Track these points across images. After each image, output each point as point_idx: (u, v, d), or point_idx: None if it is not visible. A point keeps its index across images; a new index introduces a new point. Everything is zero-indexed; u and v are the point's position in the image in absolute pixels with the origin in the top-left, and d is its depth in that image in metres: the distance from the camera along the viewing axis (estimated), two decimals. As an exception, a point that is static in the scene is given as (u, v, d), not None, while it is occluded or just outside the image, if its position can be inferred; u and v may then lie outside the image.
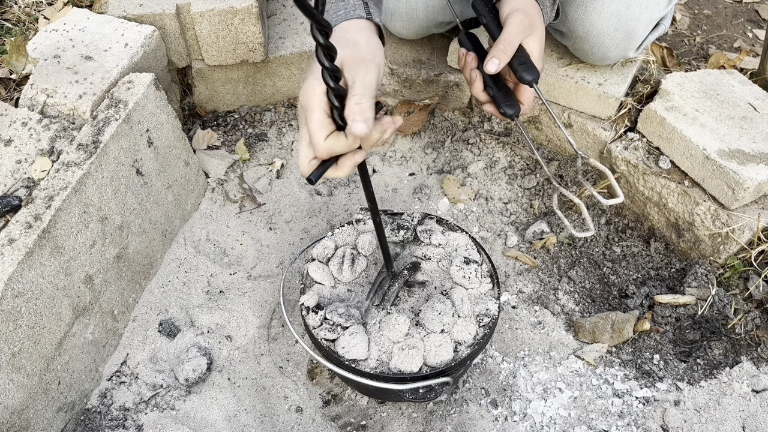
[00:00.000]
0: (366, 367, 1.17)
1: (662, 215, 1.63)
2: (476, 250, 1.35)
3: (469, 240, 1.35)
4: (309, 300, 1.24)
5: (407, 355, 1.16)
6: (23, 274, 1.13)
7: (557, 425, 1.36)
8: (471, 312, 1.23)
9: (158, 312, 1.49)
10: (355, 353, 1.17)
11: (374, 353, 1.18)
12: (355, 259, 1.31)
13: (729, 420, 1.34)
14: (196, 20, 1.62)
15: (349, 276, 1.29)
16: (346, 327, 1.19)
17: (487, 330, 1.22)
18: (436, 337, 1.18)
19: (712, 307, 1.46)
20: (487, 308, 1.24)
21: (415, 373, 1.15)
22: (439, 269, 1.32)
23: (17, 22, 1.89)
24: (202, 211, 1.70)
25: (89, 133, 1.32)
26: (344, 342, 1.18)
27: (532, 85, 1.22)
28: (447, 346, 1.17)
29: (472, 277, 1.27)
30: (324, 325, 1.20)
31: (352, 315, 1.21)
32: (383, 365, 1.16)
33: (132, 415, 1.34)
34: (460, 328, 1.20)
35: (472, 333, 1.20)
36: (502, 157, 1.83)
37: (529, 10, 1.25)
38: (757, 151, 1.50)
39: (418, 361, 1.16)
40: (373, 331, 1.21)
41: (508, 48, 1.20)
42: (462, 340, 1.19)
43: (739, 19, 2.49)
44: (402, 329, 1.18)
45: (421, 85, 1.85)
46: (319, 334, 1.21)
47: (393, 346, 1.18)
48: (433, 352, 1.16)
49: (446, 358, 1.17)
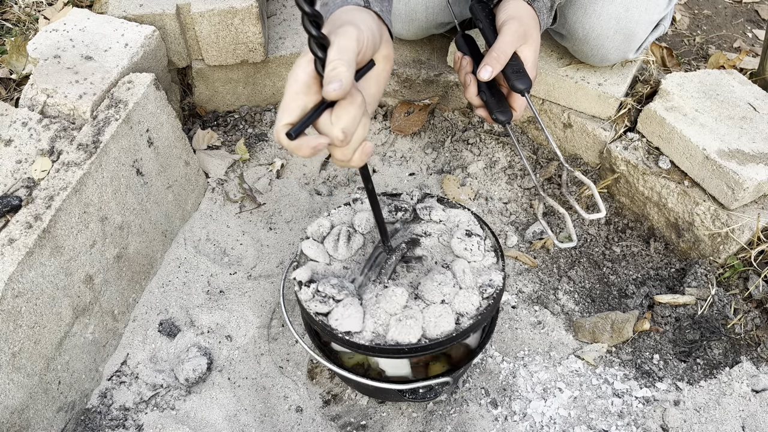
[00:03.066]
0: (361, 339, 1.10)
1: (662, 215, 1.63)
2: (479, 225, 1.28)
3: (471, 216, 1.28)
4: (301, 274, 1.17)
5: (405, 326, 1.09)
6: (23, 274, 1.13)
7: (557, 425, 1.36)
8: (473, 283, 1.16)
9: (158, 312, 1.49)
10: (349, 325, 1.09)
11: (369, 325, 1.11)
12: (351, 237, 1.23)
13: (729, 420, 1.34)
14: (196, 20, 1.62)
15: (345, 253, 1.22)
16: (339, 300, 1.12)
17: (491, 301, 1.14)
18: (436, 308, 1.11)
19: (711, 307, 1.46)
20: (490, 279, 1.17)
21: (413, 344, 1.08)
22: (440, 244, 1.25)
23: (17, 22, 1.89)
24: (202, 211, 1.70)
25: (89, 133, 1.32)
26: (337, 314, 1.10)
27: (524, 94, 1.22)
28: (448, 317, 1.10)
29: (474, 250, 1.20)
30: (316, 297, 1.13)
31: (346, 287, 1.15)
32: (380, 338, 1.10)
33: (132, 414, 1.34)
34: (461, 299, 1.13)
35: (474, 304, 1.13)
36: (502, 157, 1.83)
37: (525, 18, 1.25)
38: (756, 151, 1.50)
39: (417, 333, 1.09)
40: (369, 305, 1.13)
41: (502, 56, 1.20)
42: (464, 312, 1.12)
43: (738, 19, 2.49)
44: (399, 301, 1.11)
45: (421, 85, 1.85)
46: (310, 307, 1.14)
47: (390, 318, 1.11)
48: (433, 323, 1.10)
49: (447, 329, 1.09)
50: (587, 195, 1.73)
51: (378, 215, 1.12)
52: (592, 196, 1.73)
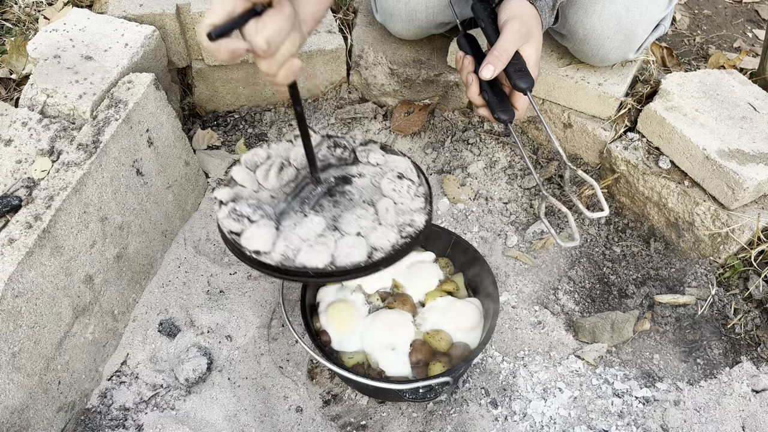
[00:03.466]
0: (268, 259, 1.08)
1: (662, 215, 1.63)
2: (416, 173, 1.26)
3: (410, 163, 1.26)
4: (223, 194, 1.16)
5: (314, 251, 1.08)
6: (23, 274, 1.13)
7: (557, 425, 1.36)
8: (394, 222, 1.14)
9: (158, 312, 1.49)
10: (258, 244, 1.08)
11: (280, 248, 1.09)
12: (284, 168, 1.21)
13: (729, 420, 1.34)
14: (196, 20, 1.62)
15: (275, 183, 1.20)
16: (254, 220, 1.11)
17: (408, 240, 1.12)
18: (350, 239, 1.10)
19: (712, 307, 1.46)
20: (412, 219, 1.15)
21: (319, 269, 1.07)
22: (371, 185, 1.22)
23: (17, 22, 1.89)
24: (202, 211, 1.70)
25: (89, 133, 1.32)
26: (249, 233, 1.09)
27: (526, 93, 1.22)
28: (360, 249, 1.09)
29: (402, 191, 1.19)
30: (231, 215, 1.11)
31: (263, 210, 1.13)
32: (288, 261, 1.08)
33: (132, 414, 1.34)
34: (378, 234, 1.11)
35: (391, 241, 1.11)
36: (502, 157, 1.83)
37: (527, 18, 1.25)
38: (757, 151, 1.50)
39: (325, 259, 1.07)
40: (286, 230, 1.12)
41: (504, 55, 1.20)
42: (379, 246, 1.10)
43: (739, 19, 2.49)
44: (315, 229, 1.11)
45: (421, 85, 1.85)
46: (224, 224, 1.11)
47: (302, 243, 1.10)
48: (344, 253, 1.08)
49: (356, 260, 1.08)
50: (587, 195, 1.73)
51: (306, 141, 1.10)
52: (592, 196, 1.73)
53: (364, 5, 1.99)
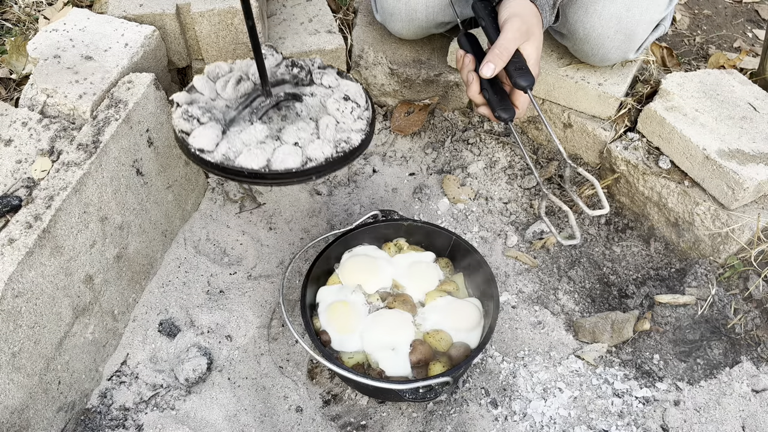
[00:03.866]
0: (210, 158, 1.18)
1: (662, 215, 1.63)
2: (365, 99, 1.33)
3: (360, 89, 1.34)
4: (180, 97, 1.26)
5: (252, 154, 1.17)
6: (23, 274, 1.13)
7: (557, 425, 1.36)
8: (332, 137, 1.23)
9: (158, 312, 1.49)
10: (203, 143, 1.18)
11: (222, 148, 1.18)
12: (242, 81, 1.30)
13: (729, 420, 1.34)
14: (196, 20, 1.62)
15: (231, 94, 1.29)
16: (203, 122, 1.20)
17: (342, 155, 1.21)
18: (287, 147, 1.19)
19: (712, 307, 1.46)
20: (349, 137, 1.23)
21: (254, 170, 1.16)
22: (320, 105, 1.31)
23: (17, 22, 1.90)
24: (202, 211, 1.70)
25: (89, 133, 1.32)
26: (196, 133, 1.19)
27: (527, 91, 1.22)
28: (295, 156, 1.18)
29: (345, 112, 1.26)
30: (183, 116, 1.21)
31: (213, 114, 1.22)
32: (228, 161, 1.17)
33: (132, 414, 1.34)
34: (315, 146, 1.20)
35: (326, 154, 1.19)
36: (502, 157, 1.83)
37: (527, 16, 1.25)
38: (757, 151, 1.50)
39: (261, 161, 1.17)
40: (232, 135, 1.21)
41: (504, 53, 1.21)
42: (313, 157, 1.19)
43: (739, 19, 2.49)
44: (258, 135, 1.20)
45: (421, 85, 1.85)
46: (176, 124, 1.22)
47: (243, 147, 1.19)
48: (280, 159, 1.17)
49: (290, 166, 1.17)
50: (587, 195, 1.73)
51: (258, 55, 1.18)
52: (592, 196, 1.73)
53: (364, 5, 1.99)
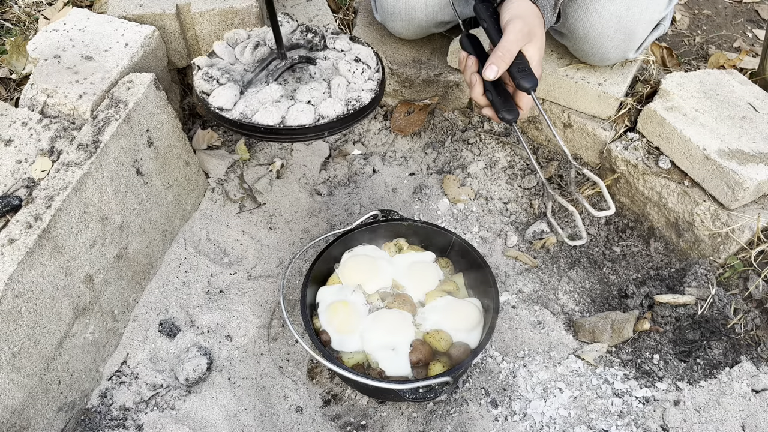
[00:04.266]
0: (229, 115, 1.25)
1: (662, 215, 1.63)
2: (375, 62, 1.38)
3: (372, 52, 1.39)
4: (201, 61, 1.34)
5: (268, 111, 1.23)
6: (23, 274, 1.13)
7: (557, 425, 1.36)
8: (343, 96, 1.29)
9: (158, 312, 1.49)
10: (222, 102, 1.25)
11: (240, 107, 1.25)
12: (259, 46, 1.36)
13: (729, 420, 1.34)
14: (196, 20, 1.62)
15: (249, 58, 1.35)
16: (222, 83, 1.28)
17: (352, 112, 1.27)
18: (301, 105, 1.25)
19: (711, 307, 1.46)
20: (359, 96, 1.29)
21: (270, 126, 1.22)
22: (332, 67, 1.37)
23: (17, 22, 1.90)
24: (202, 211, 1.70)
25: (89, 133, 1.32)
26: (216, 93, 1.26)
27: (530, 93, 1.22)
28: (308, 113, 1.24)
29: (356, 73, 1.32)
30: (203, 77, 1.28)
31: (231, 75, 1.30)
32: (245, 118, 1.24)
33: (132, 414, 1.34)
34: (327, 104, 1.25)
35: (337, 111, 1.25)
36: (502, 157, 1.83)
37: (529, 17, 1.25)
38: (757, 151, 1.50)
39: (277, 118, 1.23)
40: (249, 95, 1.28)
41: (507, 55, 1.21)
42: (325, 115, 1.25)
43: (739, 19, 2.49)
44: (273, 95, 1.26)
45: (421, 85, 1.85)
46: (197, 85, 1.29)
47: (260, 105, 1.26)
48: (294, 116, 1.23)
49: (304, 122, 1.23)
50: (587, 195, 1.73)
51: (273, 18, 1.25)
52: (592, 196, 1.73)
53: (364, 5, 1.99)
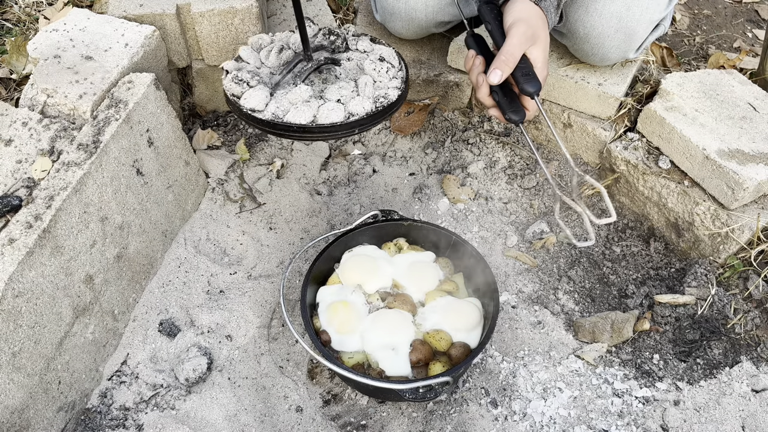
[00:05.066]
0: (261, 116, 1.27)
1: (662, 215, 1.63)
2: (398, 60, 1.42)
3: (393, 52, 1.42)
4: (230, 65, 1.37)
5: (299, 111, 1.26)
6: (23, 273, 1.13)
7: (557, 425, 1.36)
8: (371, 94, 1.32)
9: (158, 312, 1.49)
10: (253, 103, 1.28)
11: (272, 108, 1.28)
12: (284, 50, 1.40)
13: (729, 420, 1.34)
14: (196, 20, 1.62)
15: (275, 61, 1.38)
16: (252, 85, 1.30)
17: (381, 109, 1.30)
18: (331, 104, 1.28)
19: (711, 307, 1.46)
20: (386, 93, 1.32)
21: (302, 125, 1.25)
22: (357, 67, 1.41)
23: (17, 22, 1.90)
24: (203, 211, 1.70)
25: (89, 133, 1.32)
26: (247, 95, 1.29)
27: (534, 97, 1.23)
28: (339, 112, 1.27)
29: (381, 71, 1.36)
30: (234, 80, 1.31)
31: (260, 77, 1.33)
32: (277, 118, 1.27)
33: (132, 414, 1.34)
34: (356, 102, 1.29)
35: (366, 108, 1.28)
36: (502, 157, 1.83)
37: (532, 20, 1.25)
38: (756, 151, 1.50)
39: (308, 117, 1.26)
40: (278, 96, 1.31)
41: (510, 60, 1.21)
42: (355, 112, 1.28)
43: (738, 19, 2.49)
44: (303, 95, 1.29)
45: (421, 85, 1.85)
46: (228, 88, 1.32)
47: (290, 105, 1.28)
48: (325, 115, 1.26)
49: (335, 120, 1.26)
50: (588, 195, 1.73)
51: (301, 23, 1.29)
52: (592, 196, 1.73)
53: (364, 5, 1.99)
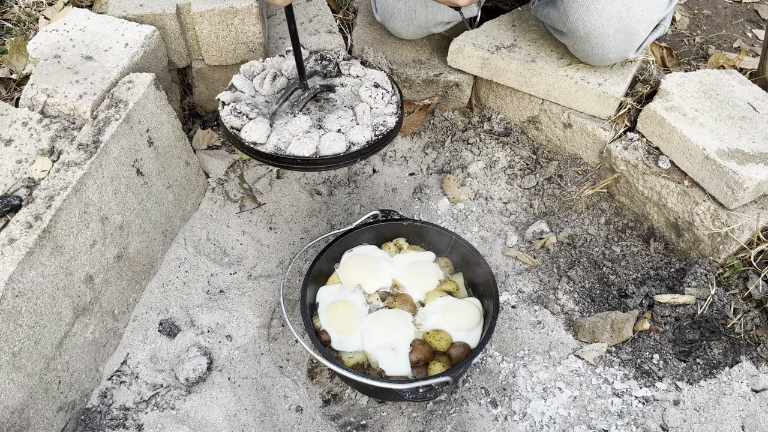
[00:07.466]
0: (264, 149, 1.29)
1: (662, 215, 1.63)
2: (391, 84, 1.45)
3: (385, 76, 1.46)
4: (226, 96, 1.38)
5: (302, 143, 1.28)
6: (24, 273, 1.13)
7: (557, 425, 1.36)
8: (369, 122, 1.35)
9: (158, 312, 1.49)
10: (255, 137, 1.29)
11: (273, 140, 1.30)
12: (277, 77, 1.42)
13: (728, 420, 1.34)
14: (196, 20, 1.62)
15: (269, 89, 1.40)
16: (252, 118, 1.32)
17: (380, 137, 1.33)
18: (332, 135, 1.30)
19: (711, 307, 1.46)
20: (385, 120, 1.35)
21: (306, 157, 1.27)
22: (352, 93, 1.43)
23: (17, 22, 1.90)
24: (203, 211, 1.70)
25: (89, 133, 1.32)
26: (247, 128, 1.30)
27: None
28: (340, 142, 1.30)
29: (377, 98, 1.39)
30: (232, 113, 1.32)
31: (259, 109, 1.35)
32: (280, 151, 1.29)
33: (132, 414, 1.34)
34: (356, 131, 1.32)
35: (366, 137, 1.32)
36: (502, 157, 1.83)
37: None
38: (756, 151, 1.50)
39: (311, 149, 1.28)
40: (278, 127, 1.33)
41: None
42: (356, 142, 1.31)
43: (738, 19, 2.49)
44: (303, 126, 1.31)
45: (421, 85, 1.85)
46: (227, 121, 1.32)
47: (292, 137, 1.30)
48: (327, 145, 1.29)
49: (337, 151, 1.29)
50: (587, 195, 1.73)
51: (297, 53, 1.31)
52: (592, 196, 1.73)
53: (364, 5, 1.99)
